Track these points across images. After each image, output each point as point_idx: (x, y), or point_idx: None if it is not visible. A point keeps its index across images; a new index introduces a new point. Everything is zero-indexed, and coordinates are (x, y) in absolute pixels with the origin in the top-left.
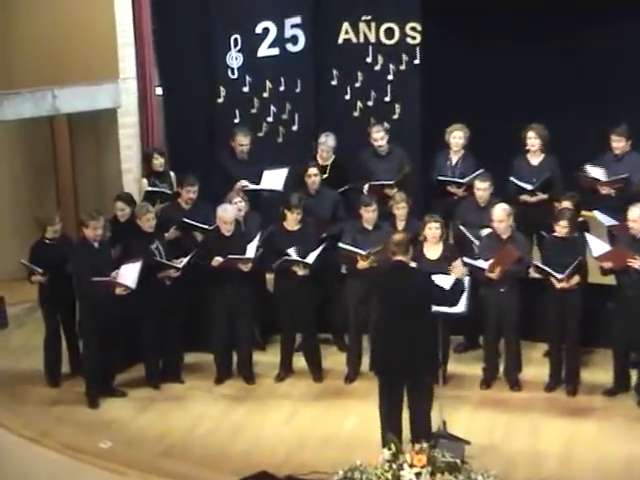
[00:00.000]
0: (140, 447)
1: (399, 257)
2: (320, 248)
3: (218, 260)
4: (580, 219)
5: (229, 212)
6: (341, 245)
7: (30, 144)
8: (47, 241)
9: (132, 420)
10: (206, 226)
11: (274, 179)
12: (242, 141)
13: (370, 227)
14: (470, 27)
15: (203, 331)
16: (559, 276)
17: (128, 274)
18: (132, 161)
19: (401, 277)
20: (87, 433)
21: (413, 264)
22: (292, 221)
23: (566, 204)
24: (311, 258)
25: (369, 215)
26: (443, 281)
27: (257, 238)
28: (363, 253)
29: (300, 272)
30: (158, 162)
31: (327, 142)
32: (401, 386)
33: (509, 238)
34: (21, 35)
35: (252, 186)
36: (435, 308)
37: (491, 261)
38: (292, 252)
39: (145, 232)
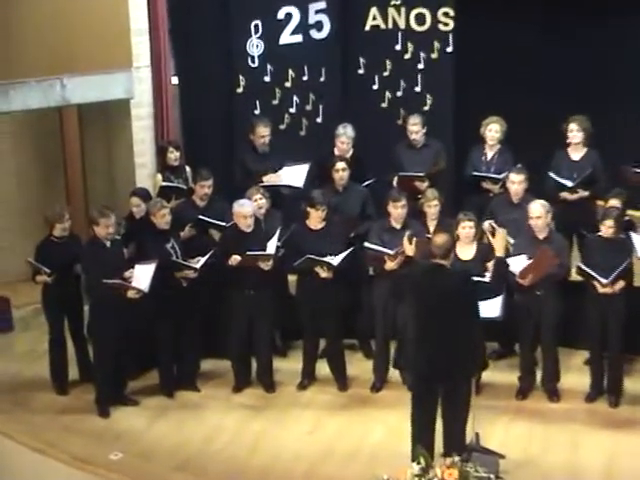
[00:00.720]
0: (153, 460)
1: (439, 261)
2: (347, 251)
3: (237, 259)
4: (626, 218)
5: (246, 206)
6: (367, 245)
7: (37, 137)
8: (55, 239)
9: (144, 431)
10: (223, 223)
11: (294, 175)
12: (263, 132)
13: (398, 226)
14: (506, 12)
15: (220, 336)
16: (603, 281)
17: (141, 276)
18: (146, 155)
19: (438, 277)
20: (97, 444)
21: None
22: (316, 219)
23: (613, 202)
24: (336, 260)
25: (397, 211)
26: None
27: (277, 234)
28: (391, 253)
29: (323, 274)
30: (173, 156)
31: (346, 133)
32: (436, 394)
33: (546, 238)
34: (28, 21)
35: (270, 182)
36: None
37: (525, 266)
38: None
39: (160, 230)
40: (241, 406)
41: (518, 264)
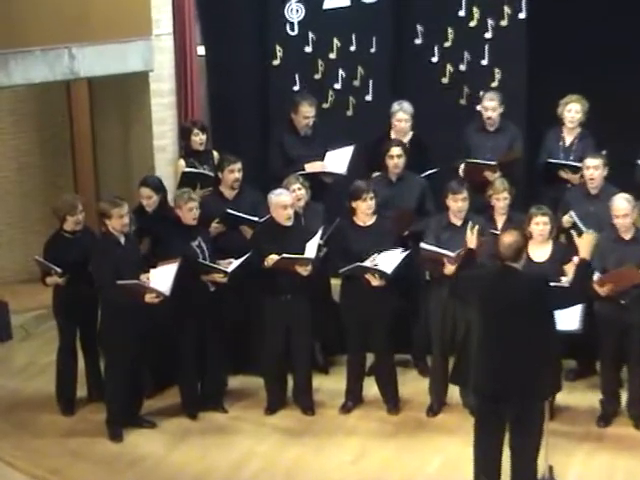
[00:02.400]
0: None
1: (509, 263)
2: (402, 256)
3: (274, 258)
4: None
5: (285, 195)
6: (423, 246)
7: (41, 116)
8: (66, 234)
9: (163, 457)
10: (255, 218)
11: (336, 160)
12: (307, 112)
13: (459, 222)
14: None
15: (252, 349)
16: None
17: (162, 277)
18: (167, 137)
19: (508, 282)
20: (107, 471)
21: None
22: (364, 213)
23: None
24: (390, 267)
25: (457, 205)
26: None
27: (319, 234)
28: (451, 255)
29: (375, 283)
30: (198, 139)
31: (402, 109)
32: (503, 419)
33: (633, 239)
34: None
35: (310, 170)
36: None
37: (605, 274)
38: (368, 263)
39: (185, 226)
40: (275, 430)
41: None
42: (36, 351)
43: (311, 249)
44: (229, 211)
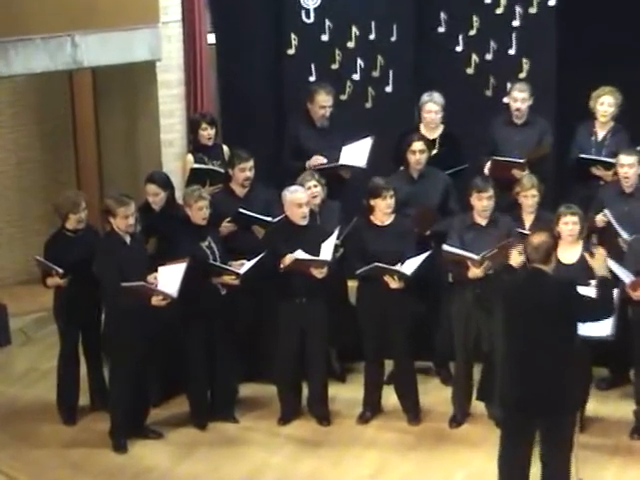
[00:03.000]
0: None
1: (537, 265)
2: (423, 257)
3: (291, 257)
4: None
5: (300, 193)
6: (445, 248)
7: (43, 108)
8: (68, 233)
9: (170, 470)
10: (269, 219)
11: (354, 153)
12: (324, 101)
13: (484, 222)
14: None
15: (265, 355)
16: None
17: (169, 278)
18: (175, 131)
19: (537, 286)
20: None
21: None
22: (383, 211)
23: None
24: (410, 268)
25: (483, 204)
26: (586, 291)
27: (335, 234)
28: (475, 258)
29: (394, 285)
30: (206, 134)
31: (433, 100)
32: (531, 431)
33: None
34: None
35: (326, 162)
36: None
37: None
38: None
39: (195, 225)
40: (289, 441)
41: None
42: (36, 356)
43: (327, 250)
44: (241, 210)
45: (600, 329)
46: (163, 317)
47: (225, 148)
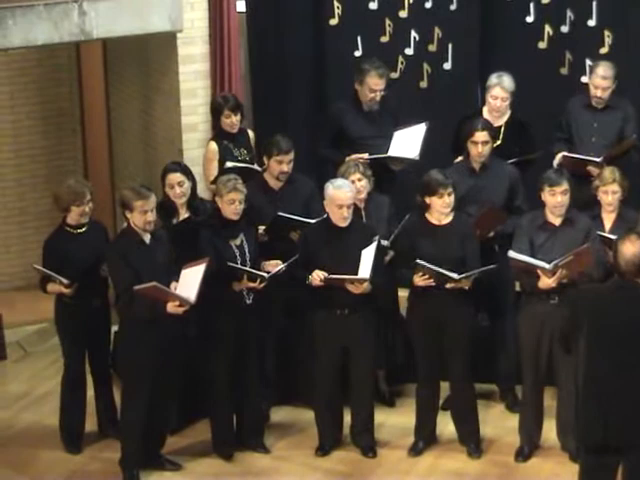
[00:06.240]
0: None
1: (631, 279)
2: (486, 268)
3: (320, 276)
4: None
5: (345, 189)
6: (512, 255)
7: (46, 86)
8: (70, 229)
9: None
10: (312, 220)
11: (406, 142)
12: (375, 85)
13: (558, 221)
14: None
15: (299, 375)
16: None
17: (188, 282)
18: (198, 113)
19: (628, 302)
20: None
21: None
22: (441, 209)
23: None
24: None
25: (557, 200)
26: None
27: (375, 243)
28: (547, 267)
29: (448, 285)
30: (229, 121)
31: (501, 84)
32: (613, 469)
33: None
34: None
35: (375, 155)
36: None
37: None
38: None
39: (225, 220)
40: (327, 474)
41: None
42: (35, 374)
43: (366, 262)
44: (280, 214)
45: None
46: (183, 330)
47: (250, 133)
